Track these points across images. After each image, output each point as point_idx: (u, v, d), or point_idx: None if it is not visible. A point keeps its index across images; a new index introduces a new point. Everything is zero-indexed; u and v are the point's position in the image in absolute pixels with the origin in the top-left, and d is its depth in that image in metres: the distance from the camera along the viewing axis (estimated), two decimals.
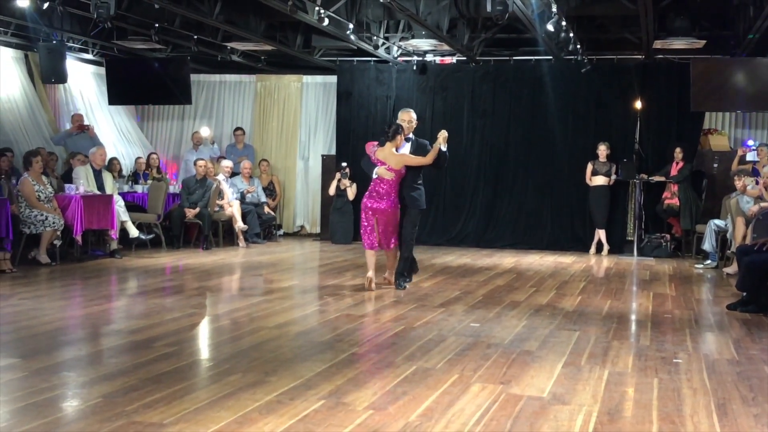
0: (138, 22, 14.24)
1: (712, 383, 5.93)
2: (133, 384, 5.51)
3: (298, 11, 12.03)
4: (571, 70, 15.87)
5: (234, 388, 5.47)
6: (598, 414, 5.06)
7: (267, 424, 4.70)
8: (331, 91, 18.01)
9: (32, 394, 5.25)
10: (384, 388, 5.55)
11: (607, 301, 9.72)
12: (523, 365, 6.31)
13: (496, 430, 4.70)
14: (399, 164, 9.99)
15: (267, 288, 10.56)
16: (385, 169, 10.00)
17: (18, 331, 7.39)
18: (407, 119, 10.38)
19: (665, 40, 13.62)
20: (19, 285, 10.13)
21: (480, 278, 11.57)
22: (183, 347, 6.76)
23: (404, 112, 10.54)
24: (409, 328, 7.74)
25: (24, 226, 11.72)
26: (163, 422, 4.69)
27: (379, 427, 4.70)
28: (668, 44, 13.82)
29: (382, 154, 10.06)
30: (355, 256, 14.35)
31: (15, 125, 15.65)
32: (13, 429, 4.57)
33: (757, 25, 12.06)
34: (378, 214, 10.04)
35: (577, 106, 16.13)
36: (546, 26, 12.42)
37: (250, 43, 15.53)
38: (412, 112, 10.58)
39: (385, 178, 9.99)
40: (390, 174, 9.96)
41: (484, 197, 16.58)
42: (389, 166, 9.98)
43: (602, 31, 14.94)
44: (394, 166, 9.98)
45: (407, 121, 10.34)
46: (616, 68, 15.99)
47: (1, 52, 15.61)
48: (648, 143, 15.91)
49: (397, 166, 9.99)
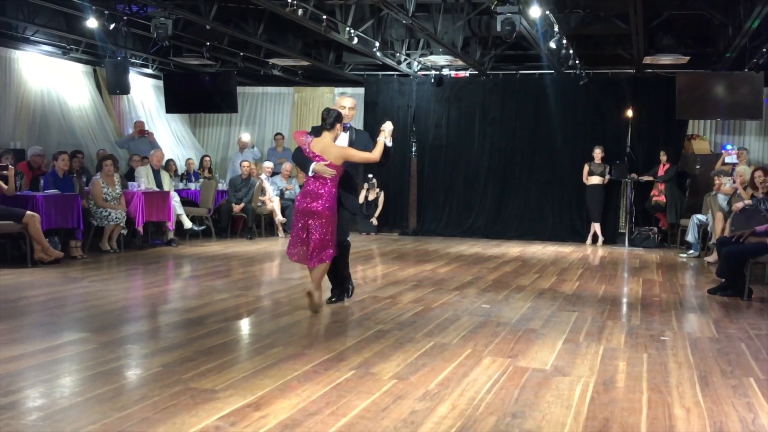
0: (192, 41, 14.33)
1: (695, 358, 5.90)
2: (188, 355, 5.54)
3: (331, 31, 12.06)
4: (571, 83, 15.82)
5: (275, 359, 5.49)
6: (595, 384, 5.04)
7: (305, 391, 4.71)
8: (359, 102, 17.97)
9: (101, 363, 5.28)
10: (406, 360, 5.55)
11: (602, 286, 9.68)
12: (528, 341, 6.30)
13: (505, 397, 4.69)
14: (340, 159, 7.32)
15: (303, 273, 10.56)
16: (324, 166, 7.29)
17: (88, 309, 7.44)
18: (348, 105, 7.84)
19: (654, 56, 13.64)
20: (88, 269, 10.20)
21: (490, 265, 11.55)
22: (231, 324, 6.79)
23: (343, 98, 8.02)
24: (428, 308, 7.74)
25: (92, 218, 11.80)
26: (215, 388, 4.71)
27: (402, 394, 4.70)
28: (656, 60, 13.83)
29: (320, 147, 7.30)
30: (378, 245, 14.37)
31: (85, 131, 15.77)
32: (86, 393, 4.60)
33: (735, 43, 12.07)
34: (312, 218, 7.31)
35: (576, 114, 16.09)
36: (549, 44, 12.42)
37: (289, 60, 15.58)
38: (354, 99, 8.16)
39: (322, 176, 7.30)
40: (330, 171, 7.28)
41: (493, 194, 16.56)
42: (329, 161, 7.29)
43: (598, 48, 14.89)
44: (334, 160, 7.29)
45: (347, 108, 7.79)
46: (610, 81, 15.96)
47: (73, 67, 15.72)
48: (638, 147, 15.87)
49: (338, 161, 7.31)
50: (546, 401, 4.63)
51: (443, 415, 4.32)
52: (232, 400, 4.46)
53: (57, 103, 15.30)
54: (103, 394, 4.57)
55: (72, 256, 11.09)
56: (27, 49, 14.51)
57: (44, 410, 4.27)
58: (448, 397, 4.66)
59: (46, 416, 4.16)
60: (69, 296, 8.18)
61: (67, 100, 15.54)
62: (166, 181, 13.63)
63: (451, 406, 4.47)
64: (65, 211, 11.03)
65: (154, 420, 4.10)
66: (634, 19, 11.05)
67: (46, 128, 15.01)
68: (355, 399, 4.56)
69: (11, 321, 6.72)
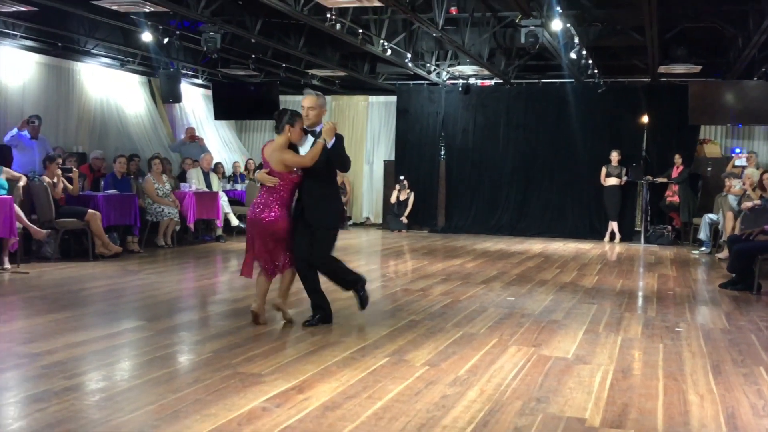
0: (238, 53, 14.40)
1: (708, 348, 5.84)
2: (237, 342, 5.58)
3: (366, 44, 12.07)
4: (590, 91, 15.71)
5: (316, 346, 5.51)
6: (614, 372, 5.01)
7: (344, 375, 4.72)
8: (392, 109, 18.01)
9: (157, 349, 5.34)
10: (437, 348, 5.54)
11: (620, 280, 9.59)
12: (551, 332, 6.26)
13: (530, 383, 4.66)
14: (279, 165, 6.09)
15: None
16: (264, 173, 6.16)
17: (144, 300, 7.52)
18: (306, 105, 6.26)
19: (668, 66, 13.53)
20: (145, 263, 10.30)
21: (514, 261, 11.49)
22: (275, 313, 6.80)
23: (305, 97, 6.36)
24: (456, 300, 7.73)
25: (148, 215, 11.92)
26: (261, 373, 4.73)
27: (434, 379, 4.70)
28: (670, 69, 13.71)
29: (268, 152, 6.18)
30: (409, 242, 14.36)
31: (141, 136, 15.92)
32: (143, 376, 4.65)
33: (744, 54, 11.92)
34: (255, 228, 6.19)
35: (594, 120, 15.97)
36: (570, 55, 12.34)
37: (327, 70, 15.60)
38: (315, 97, 6.33)
39: (267, 186, 6.15)
40: (272, 180, 6.09)
41: (516, 194, 16.49)
42: (270, 167, 6.15)
43: (615, 58, 14.77)
44: (274, 166, 6.10)
45: (305, 108, 6.25)
46: (626, 89, 15.83)
47: (130, 77, 15.87)
48: (653, 150, 15.74)
49: (278, 168, 6.09)
50: (568, 387, 4.61)
51: (472, 399, 4.31)
52: (278, 384, 4.49)
53: (115, 111, 15.46)
54: (159, 377, 4.62)
55: (130, 250, 11.22)
56: (88, 61, 14.66)
57: (106, 391, 4.32)
58: (477, 382, 4.65)
59: (108, 397, 4.21)
60: (127, 287, 8.27)
61: (125, 108, 15.69)
62: (214, 182, 13.72)
63: (480, 391, 4.46)
64: (123, 210, 11.15)
65: (207, 401, 4.13)
66: (649, 31, 10.96)
67: (105, 134, 15.17)
68: (390, 384, 4.57)
69: (75, 310, 6.81)
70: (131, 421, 3.80)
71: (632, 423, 3.99)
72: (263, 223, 6.10)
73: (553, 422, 3.96)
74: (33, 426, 3.70)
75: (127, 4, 10.28)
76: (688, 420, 4.08)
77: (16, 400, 4.16)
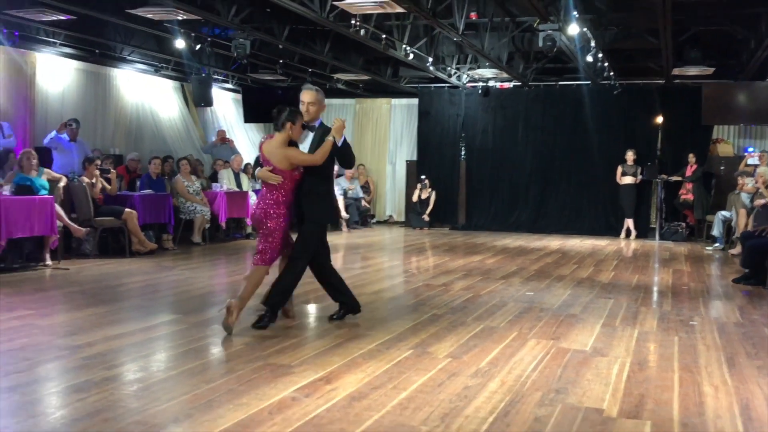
0: (267, 59, 14.45)
1: (722, 341, 5.78)
2: (267, 335, 5.59)
3: (389, 49, 12.08)
4: (606, 93, 15.62)
5: (342, 339, 5.52)
6: (630, 364, 4.97)
7: (369, 367, 4.72)
8: (414, 111, 17.99)
9: (190, 341, 5.37)
10: (459, 341, 5.53)
11: (636, 276, 9.53)
12: (569, 325, 6.23)
13: (549, 375, 4.64)
14: (283, 162, 5.75)
15: (364, 263, 10.61)
16: (266, 171, 5.79)
17: (178, 294, 7.56)
18: (307, 100, 5.97)
19: (682, 68, 13.41)
20: (179, 259, 10.37)
21: (532, 257, 11.44)
22: (302, 307, 6.83)
23: (304, 92, 6.05)
24: (477, 295, 7.70)
25: (181, 214, 12.00)
26: (290, 364, 4.75)
27: (456, 371, 4.69)
28: (684, 71, 13.59)
29: (268, 149, 5.84)
30: (431, 239, 14.34)
31: (174, 138, 16.03)
32: (179, 367, 4.68)
33: (756, 55, 11.80)
34: (258, 224, 5.91)
35: (610, 120, 15.88)
36: (586, 58, 12.27)
37: (351, 74, 15.62)
38: (315, 92, 6.04)
39: (271, 183, 5.78)
40: (275, 177, 5.74)
41: (534, 193, 16.42)
42: (273, 165, 5.78)
43: (631, 61, 14.65)
44: (278, 164, 5.75)
45: (306, 103, 5.96)
46: (641, 91, 15.73)
47: (163, 82, 15.98)
48: (667, 150, 15.63)
49: (281, 165, 5.75)
50: (586, 379, 4.58)
51: (493, 390, 4.30)
52: (306, 374, 4.50)
53: (150, 115, 15.57)
54: (193, 368, 4.65)
55: (164, 247, 11.29)
56: (124, 67, 14.78)
57: (143, 382, 4.36)
58: (498, 374, 4.64)
59: (145, 387, 4.24)
60: (162, 283, 8.33)
61: (159, 112, 15.81)
62: (244, 182, 13.79)
63: (501, 383, 4.45)
64: (158, 209, 11.23)
65: (239, 391, 4.15)
66: (663, 34, 10.87)
67: (140, 136, 15.29)
68: (414, 375, 4.56)
69: (113, 304, 6.87)
70: (167, 410, 3.82)
71: (648, 413, 3.96)
72: (270, 222, 5.79)
73: (572, 412, 3.94)
74: (74, 414, 3.74)
75: (161, 12, 10.36)
76: (703, 411, 4.04)
77: (57, 390, 4.21)
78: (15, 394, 4.04)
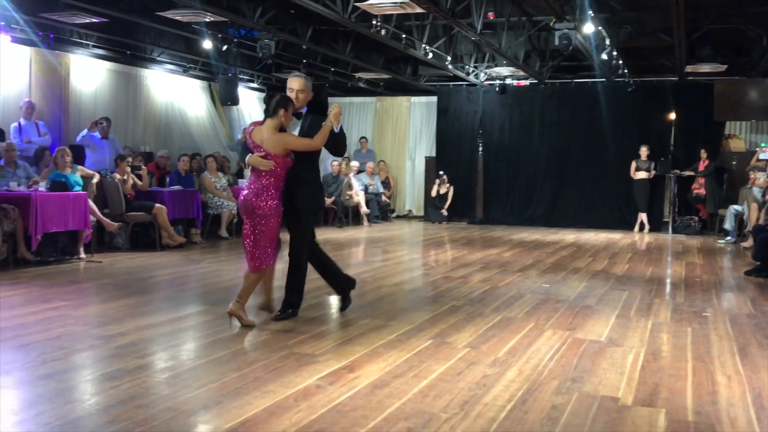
0: (290, 59, 14.47)
1: (734, 331, 5.72)
2: (292, 325, 5.61)
3: (409, 48, 12.06)
4: (620, 90, 15.50)
5: (364, 329, 5.52)
6: (645, 354, 4.94)
7: (390, 356, 4.73)
8: (432, 109, 17.95)
9: (218, 332, 5.39)
10: (477, 332, 5.52)
11: (649, 268, 9.45)
12: (584, 316, 6.20)
13: (565, 364, 4.62)
14: (278, 148, 5.51)
15: (385, 256, 10.62)
16: (258, 157, 5.51)
17: (206, 286, 7.61)
18: (296, 87, 5.77)
19: (694, 65, 13.31)
20: (206, 253, 10.42)
21: (548, 250, 11.39)
22: (325, 299, 6.84)
23: (291, 79, 5.88)
24: (495, 287, 7.68)
25: (209, 209, 12.07)
26: (314, 353, 4.76)
27: (475, 360, 4.68)
28: (697, 68, 13.49)
29: (260, 136, 5.58)
30: (449, 233, 14.31)
31: (202, 136, 16.11)
32: (207, 356, 4.70)
33: None
34: (250, 215, 5.56)
35: (624, 117, 15.77)
36: (601, 56, 12.17)
37: (372, 73, 15.62)
38: (304, 79, 5.85)
39: (261, 170, 5.52)
40: (267, 163, 5.48)
41: (550, 188, 16.34)
42: (266, 151, 5.51)
43: (644, 59, 14.53)
44: (272, 149, 5.50)
45: (295, 91, 5.76)
46: (655, 88, 15.59)
47: (191, 82, 16.06)
48: (680, 145, 15.50)
49: (276, 150, 5.50)
50: (602, 368, 4.56)
51: (511, 378, 4.29)
52: (330, 363, 4.51)
53: (179, 113, 15.66)
54: (221, 357, 4.67)
55: (193, 241, 11.35)
56: (153, 68, 14.87)
57: (174, 370, 4.39)
58: (515, 363, 4.62)
59: (176, 375, 4.27)
60: (191, 275, 8.38)
61: (187, 111, 15.89)
62: None
63: (518, 372, 4.44)
64: (187, 204, 11.29)
65: (265, 379, 4.17)
66: (676, 32, 10.77)
67: (169, 134, 15.38)
68: (434, 364, 4.56)
69: (144, 296, 6.93)
70: (197, 397, 3.85)
71: (663, 402, 3.94)
72: (258, 213, 5.49)
73: (588, 400, 3.92)
74: (108, 401, 3.77)
75: (190, 14, 10.40)
76: (717, 399, 4.01)
77: (92, 378, 4.25)
78: (52, 381, 4.08)
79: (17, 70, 12.05)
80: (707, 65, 13.20)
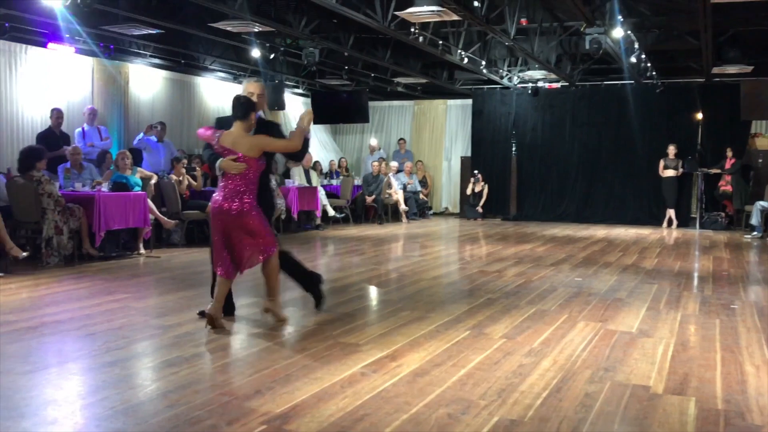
0: (333, 65, 14.53)
1: (762, 323, 5.61)
2: (336, 316, 5.64)
3: (445, 54, 12.01)
4: (649, 91, 15.25)
5: (405, 320, 5.53)
6: (674, 345, 4.87)
7: (431, 346, 4.72)
8: (468, 111, 17.86)
9: (268, 323, 5.42)
10: (513, 323, 5.49)
11: (678, 262, 9.30)
12: (616, 309, 6.12)
13: (598, 355, 4.58)
14: (254, 150, 5.16)
15: (423, 251, 10.60)
16: (230, 161, 5.12)
17: (257, 280, 7.55)
18: (257, 91, 5.54)
19: (721, 67, 13.02)
20: None
21: (580, 245, 11.27)
22: (367, 292, 6.87)
23: (249, 83, 5.64)
24: (529, 281, 7.63)
25: None
26: (358, 343, 4.78)
27: (511, 350, 4.66)
28: (723, 70, 13.19)
29: (230, 140, 5.16)
30: (484, 229, 14.23)
31: None
32: (258, 345, 4.75)
33: None
34: (226, 220, 5.14)
35: (652, 117, 15.51)
36: (630, 59, 12.00)
37: (410, 78, 15.59)
38: (262, 83, 5.71)
39: (233, 174, 5.13)
40: (238, 166, 5.11)
41: (581, 185, 16.16)
42: (241, 154, 5.12)
43: (672, 61, 14.29)
44: (247, 152, 5.13)
45: (255, 95, 5.48)
46: (683, 89, 15.30)
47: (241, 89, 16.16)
48: (707, 144, 15.19)
49: (251, 153, 5.15)
50: (633, 358, 4.50)
51: (546, 368, 4.26)
52: (373, 352, 4.53)
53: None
54: (271, 346, 4.72)
55: None
56: (206, 75, 15.04)
57: (227, 358, 4.45)
58: (550, 353, 4.59)
59: (230, 363, 4.33)
60: None
61: None
62: (314, 178, 13.91)
63: (553, 361, 4.40)
64: None
65: (313, 367, 4.20)
66: (704, 35, 10.57)
67: None
68: (471, 354, 4.55)
69: (200, 288, 6.99)
70: (250, 383, 3.89)
71: (693, 390, 3.87)
72: (233, 214, 5.12)
73: (620, 389, 3.87)
74: (168, 386, 3.83)
75: (240, 25, 10.48)
76: (745, 389, 3.93)
77: (152, 365, 4.33)
78: (116, 368, 4.16)
79: (81, 79, 12.29)
80: (734, 66, 12.93)
